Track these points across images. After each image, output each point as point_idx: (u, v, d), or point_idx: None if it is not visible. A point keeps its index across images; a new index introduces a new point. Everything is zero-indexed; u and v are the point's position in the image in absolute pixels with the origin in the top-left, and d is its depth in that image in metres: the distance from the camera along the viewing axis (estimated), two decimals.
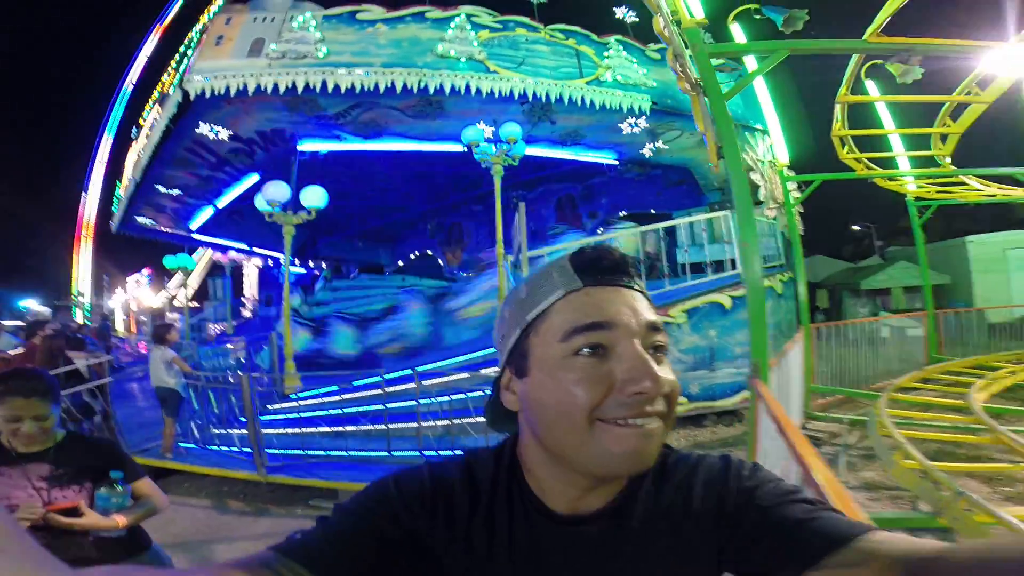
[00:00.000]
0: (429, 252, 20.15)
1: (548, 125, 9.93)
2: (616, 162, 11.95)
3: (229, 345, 10.44)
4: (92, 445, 1.88)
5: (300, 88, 7.93)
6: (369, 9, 8.48)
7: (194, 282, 23.21)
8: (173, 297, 20.76)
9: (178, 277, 23.76)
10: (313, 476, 5.48)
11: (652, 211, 12.39)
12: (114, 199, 13.92)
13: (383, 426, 5.66)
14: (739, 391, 6.98)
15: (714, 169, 4.42)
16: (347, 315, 10.34)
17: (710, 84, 3.48)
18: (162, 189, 11.93)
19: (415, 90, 8.22)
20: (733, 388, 6.97)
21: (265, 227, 17.35)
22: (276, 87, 7.84)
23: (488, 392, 0.76)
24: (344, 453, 5.73)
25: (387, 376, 6.52)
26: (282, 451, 6.09)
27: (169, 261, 14.28)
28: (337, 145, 10.08)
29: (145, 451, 6.14)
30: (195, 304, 19.51)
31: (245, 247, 17.25)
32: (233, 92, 7.82)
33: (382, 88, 8.08)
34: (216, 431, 6.51)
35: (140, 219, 14.16)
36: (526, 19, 9.20)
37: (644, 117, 9.96)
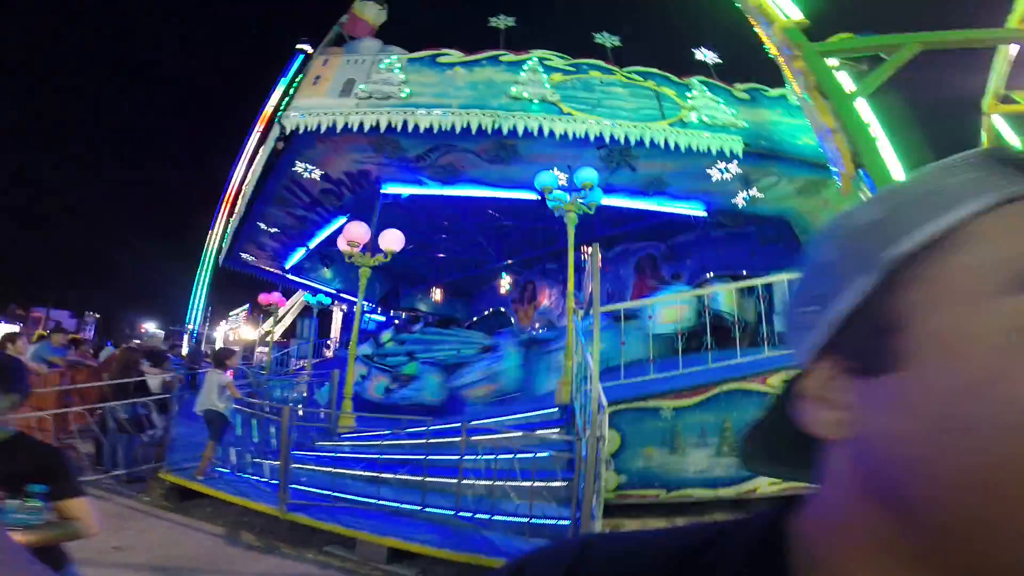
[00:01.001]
0: (502, 309, 19.83)
1: (628, 172, 9.37)
2: (704, 214, 10.95)
3: (297, 379, 10.36)
4: (35, 451, 1.68)
5: (383, 127, 8.07)
6: (449, 53, 8.66)
7: (286, 320, 24.46)
8: (268, 333, 21.88)
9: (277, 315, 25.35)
10: (334, 520, 4.85)
11: (744, 272, 11.17)
12: (224, 235, 15.03)
13: (420, 477, 4.95)
14: None
15: (843, 190, 3.56)
16: (428, 360, 10.01)
17: (828, 84, 2.74)
18: (262, 226, 12.63)
19: (489, 131, 8.09)
20: None
21: (351, 272, 18.15)
22: (362, 126, 8.02)
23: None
24: (373, 501, 5.04)
25: (434, 427, 5.89)
26: (310, 489, 5.53)
27: (263, 297, 14.97)
28: (418, 190, 10.13)
29: (180, 470, 5.84)
30: (282, 340, 20.38)
31: (331, 290, 17.86)
32: (324, 129, 8.11)
33: (458, 129, 8.03)
34: (252, 460, 6.12)
35: (243, 255, 15.09)
36: (600, 62, 8.93)
37: (736, 161, 9.09)
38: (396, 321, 19.61)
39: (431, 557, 4.28)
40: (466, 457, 5.03)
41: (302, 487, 5.64)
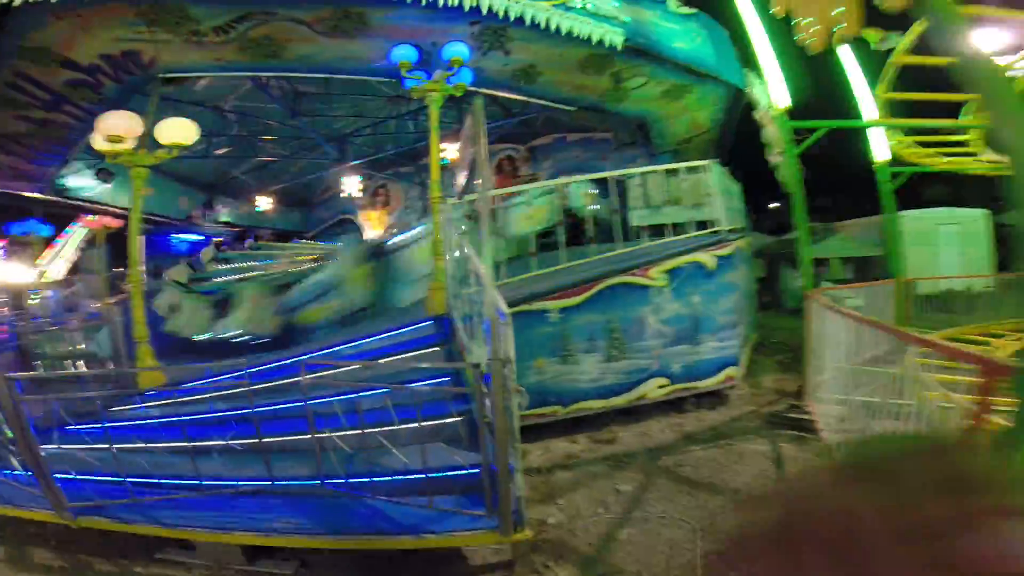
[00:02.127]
0: (349, 217, 17.58)
1: (500, 56, 7.87)
2: (573, 108, 10.00)
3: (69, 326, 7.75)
4: None
5: None
6: None
7: (69, 253, 19.07)
8: (44, 272, 16.80)
9: (55, 248, 19.52)
10: (151, 519, 3.41)
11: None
12: None
13: (254, 439, 3.61)
14: (724, 368, 5.59)
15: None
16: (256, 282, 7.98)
17: None
18: None
19: None
20: (717, 365, 5.56)
21: (155, 186, 14.13)
22: None
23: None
24: (198, 482, 3.62)
25: (262, 365, 4.51)
26: (106, 479, 3.90)
27: (15, 228, 10.91)
28: (218, 74, 7.50)
29: None
30: (67, 279, 15.79)
31: (120, 209, 13.77)
32: None
33: None
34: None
35: None
36: None
37: (613, 56, 8.20)
38: (219, 239, 16.26)
39: (306, 548, 3.18)
40: (317, 401, 3.84)
41: (93, 477, 3.98)
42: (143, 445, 4.21)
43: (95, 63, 6.89)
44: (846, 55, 8.46)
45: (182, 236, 16.10)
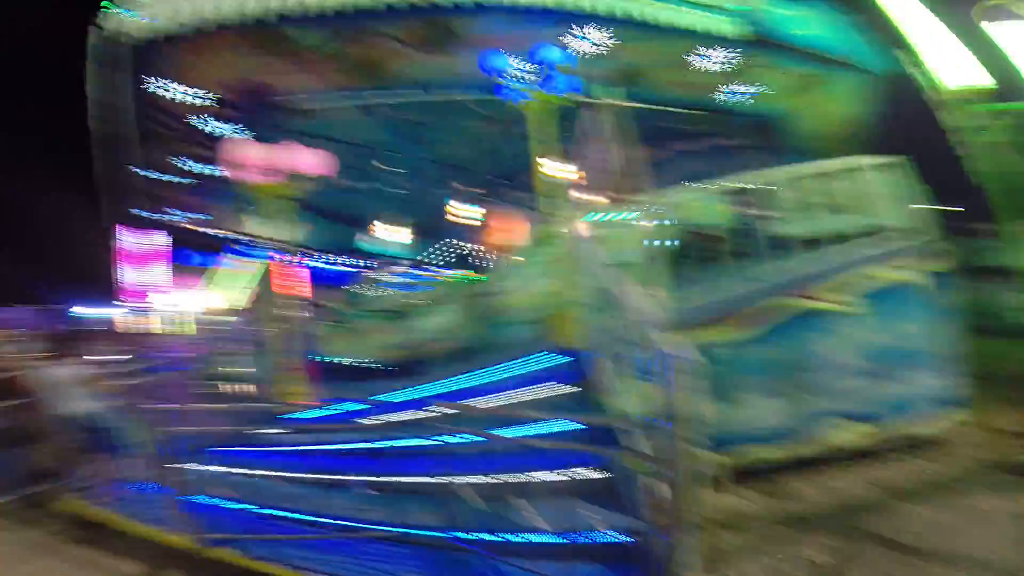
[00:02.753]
0: (460, 242, 17.88)
1: (600, 59, 7.36)
2: (683, 110, 9.10)
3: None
4: None
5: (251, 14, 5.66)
6: None
7: (254, 284, 21.70)
8: (234, 301, 19.38)
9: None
10: (280, 559, 3.23)
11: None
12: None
13: (385, 478, 3.31)
14: (938, 407, 4.27)
15: None
16: (384, 312, 8.15)
17: None
18: (149, 175, 10.08)
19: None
20: (929, 403, 4.26)
21: (302, 219, 15.52)
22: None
23: None
24: (327, 522, 3.40)
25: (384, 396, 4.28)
26: (243, 507, 3.86)
27: (194, 260, 12.55)
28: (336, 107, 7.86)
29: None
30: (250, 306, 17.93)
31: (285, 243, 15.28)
32: (168, 33, 5.69)
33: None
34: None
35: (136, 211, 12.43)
36: None
37: (726, 48, 7.25)
38: (367, 269, 17.18)
39: None
40: (441, 439, 3.44)
41: (233, 503, 3.97)
42: (280, 474, 4.15)
43: (220, 94, 7.53)
44: None
45: (334, 267, 17.49)
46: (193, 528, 3.36)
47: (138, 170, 9.93)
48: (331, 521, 3.37)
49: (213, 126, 8.21)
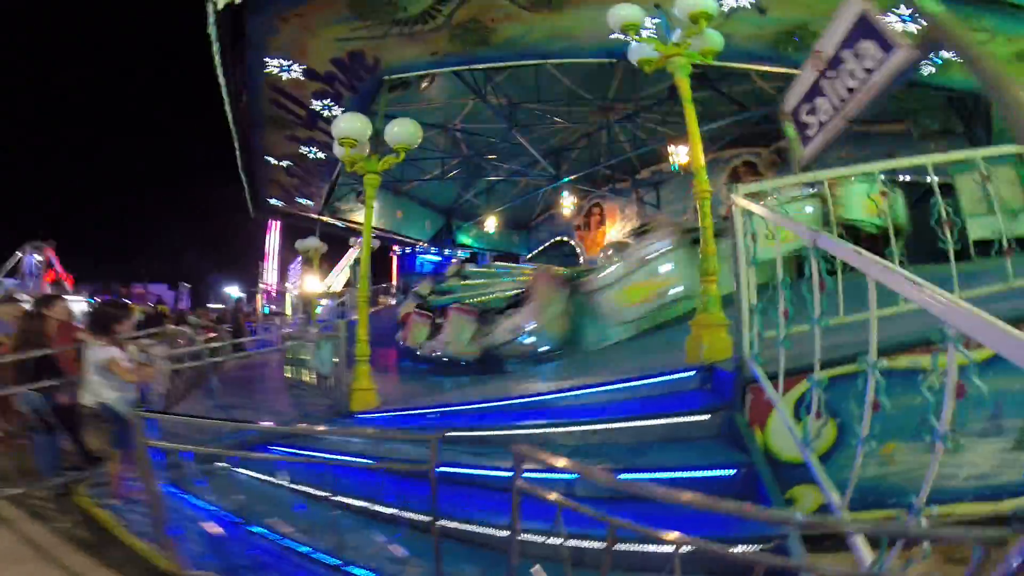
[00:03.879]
0: (566, 239, 16.66)
1: (753, 17, 5.69)
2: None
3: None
4: None
5: None
6: None
7: (345, 269, 22.60)
8: (329, 285, 19.99)
9: (342, 263, 23.43)
10: None
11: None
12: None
13: (430, 517, 2.19)
14: None
15: None
16: (466, 306, 7.27)
17: None
18: (273, 161, 10.08)
19: None
20: None
21: (396, 206, 15.38)
22: None
23: None
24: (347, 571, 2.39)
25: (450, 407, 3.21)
26: (255, 530, 3.00)
27: (300, 244, 12.68)
28: (433, 71, 7.02)
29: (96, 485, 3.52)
30: (341, 291, 18.48)
31: (384, 229, 15.26)
32: None
33: None
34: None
35: (271, 200, 12.81)
36: None
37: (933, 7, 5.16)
38: (458, 260, 16.72)
39: None
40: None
41: (240, 523, 3.15)
42: (310, 490, 3.27)
43: (329, 71, 6.97)
44: None
45: (427, 257, 17.18)
46: (180, 553, 2.53)
47: (271, 159, 10.09)
48: (352, 571, 2.37)
49: (326, 106, 7.81)
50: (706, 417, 2.83)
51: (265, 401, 5.31)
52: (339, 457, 3.47)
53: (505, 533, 1.94)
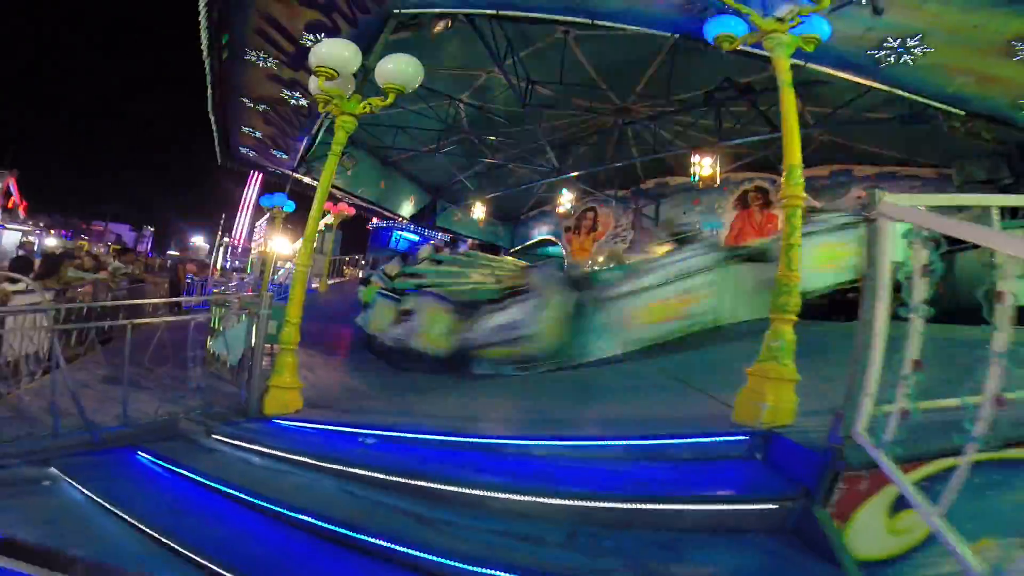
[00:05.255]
0: (552, 239, 15.76)
1: (864, 15, 4.72)
2: (962, 113, 5.98)
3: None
4: None
5: None
6: None
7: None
8: (296, 249, 18.55)
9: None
10: None
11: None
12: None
13: None
14: None
15: None
16: (444, 294, 6.23)
17: None
18: (248, 104, 8.79)
19: None
20: None
21: (379, 175, 14.08)
22: None
23: None
24: None
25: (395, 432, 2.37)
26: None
27: (265, 201, 11.38)
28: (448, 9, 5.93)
29: None
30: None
31: (363, 199, 13.93)
32: None
33: None
34: None
35: (242, 149, 11.43)
36: None
37: None
38: (438, 242, 15.47)
39: None
40: None
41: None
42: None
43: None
44: None
45: (405, 234, 15.97)
46: None
47: (247, 100, 8.77)
48: None
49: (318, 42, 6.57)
50: (771, 506, 1.94)
51: (161, 379, 4.17)
52: (218, 488, 2.44)
53: None
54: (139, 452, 3.25)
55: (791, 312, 2.40)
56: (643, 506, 2.03)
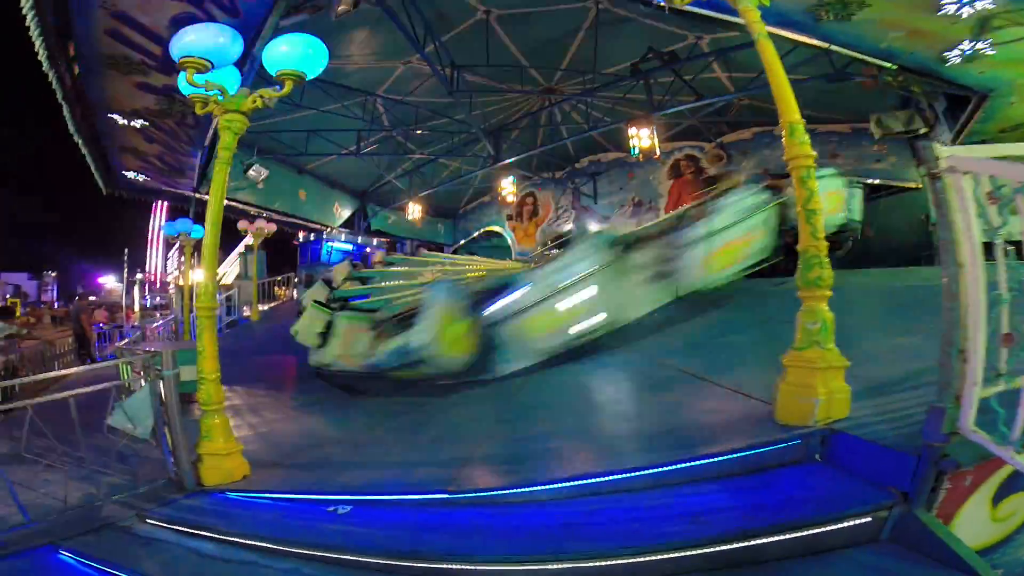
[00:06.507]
0: (495, 229, 15.31)
1: None
2: (893, 67, 6.10)
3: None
4: None
5: None
6: None
7: (235, 259, 19.33)
8: (221, 276, 16.75)
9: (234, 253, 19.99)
10: None
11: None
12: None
13: None
14: None
15: None
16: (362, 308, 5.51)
17: None
18: (120, 120, 7.53)
19: None
20: None
21: (294, 186, 12.91)
22: None
23: None
24: None
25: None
26: None
27: (168, 229, 9.96)
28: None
29: None
30: (229, 284, 15.46)
31: (281, 212, 12.69)
32: None
33: None
34: None
35: (127, 173, 9.97)
36: None
37: None
38: (369, 249, 14.35)
39: None
40: None
41: None
42: None
43: None
44: None
45: (336, 245, 14.75)
46: None
47: (117, 116, 7.45)
48: None
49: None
50: (866, 520, 1.64)
51: (75, 451, 3.29)
52: None
53: None
54: (61, 552, 2.48)
55: (824, 287, 2.11)
56: (713, 549, 1.66)
